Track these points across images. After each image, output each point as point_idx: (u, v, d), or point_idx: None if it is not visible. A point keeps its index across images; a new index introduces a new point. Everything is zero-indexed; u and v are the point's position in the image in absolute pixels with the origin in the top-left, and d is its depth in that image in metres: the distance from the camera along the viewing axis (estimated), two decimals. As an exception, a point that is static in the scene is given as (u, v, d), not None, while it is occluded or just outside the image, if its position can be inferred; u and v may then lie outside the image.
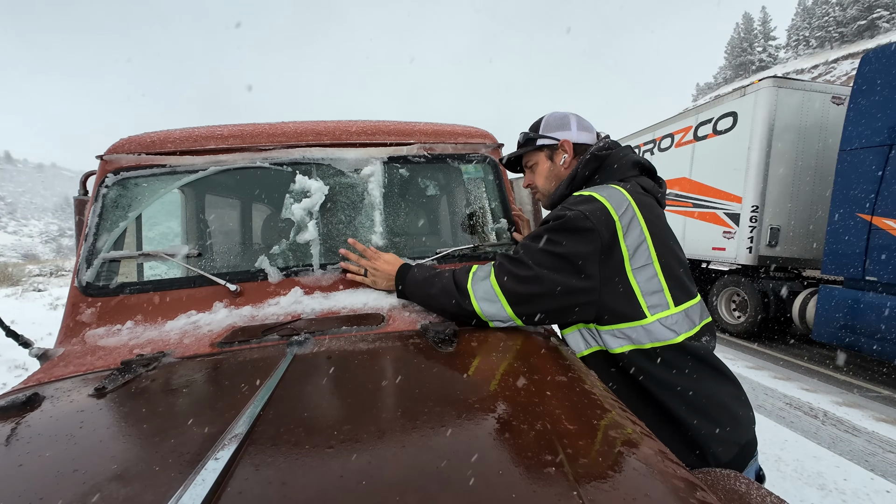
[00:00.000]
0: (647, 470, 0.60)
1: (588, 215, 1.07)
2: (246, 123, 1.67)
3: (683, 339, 1.08)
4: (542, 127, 1.41)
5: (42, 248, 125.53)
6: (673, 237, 1.22)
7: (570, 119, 1.39)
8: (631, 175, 1.26)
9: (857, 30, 32.94)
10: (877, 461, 3.32)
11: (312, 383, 0.88)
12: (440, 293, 1.20)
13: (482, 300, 1.13)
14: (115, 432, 0.74)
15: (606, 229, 1.07)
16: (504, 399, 0.79)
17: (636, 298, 1.08)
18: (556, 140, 1.37)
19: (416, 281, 1.28)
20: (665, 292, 1.10)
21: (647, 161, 1.32)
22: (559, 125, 1.39)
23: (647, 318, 1.07)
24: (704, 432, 1.05)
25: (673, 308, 1.10)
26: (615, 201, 1.11)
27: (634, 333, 1.08)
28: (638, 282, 1.08)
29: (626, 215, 1.10)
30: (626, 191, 1.15)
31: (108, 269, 1.44)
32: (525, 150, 1.44)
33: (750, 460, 1.11)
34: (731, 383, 1.14)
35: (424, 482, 0.55)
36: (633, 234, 1.09)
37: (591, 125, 1.41)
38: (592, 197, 1.13)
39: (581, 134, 1.37)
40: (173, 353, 1.10)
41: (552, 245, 1.09)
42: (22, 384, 1.05)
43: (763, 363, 5.79)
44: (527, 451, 0.61)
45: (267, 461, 0.60)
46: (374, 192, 1.60)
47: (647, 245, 1.10)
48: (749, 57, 45.67)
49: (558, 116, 1.41)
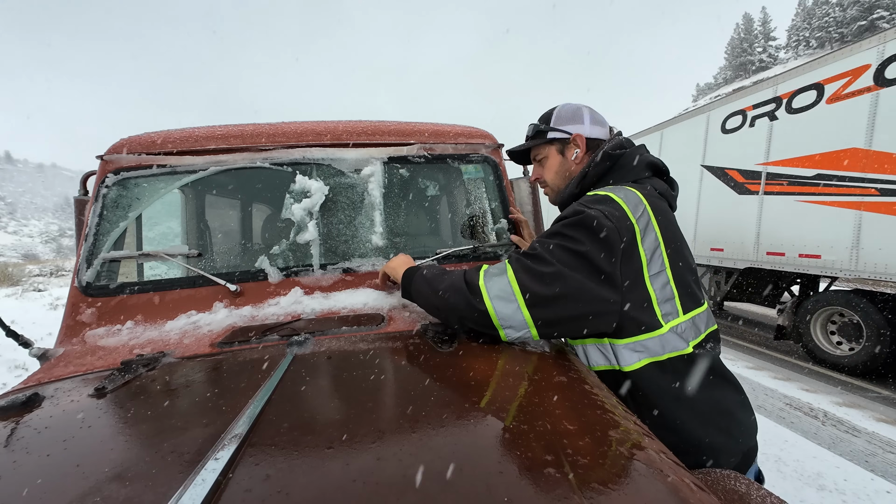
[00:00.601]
0: (647, 470, 0.60)
1: (607, 215, 1.01)
2: (246, 123, 1.67)
3: (693, 348, 1.06)
4: (554, 119, 1.33)
5: (42, 248, 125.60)
6: (684, 242, 1.17)
7: (584, 112, 1.32)
8: (644, 177, 1.21)
9: (858, 30, 32.96)
10: (877, 462, 3.32)
11: (312, 384, 0.88)
12: (448, 290, 1.10)
13: (496, 299, 1.02)
14: (115, 432, 0.74)
15: (627, 231, 1.02)
16: (504, 399, 0.79)
17: (653, 306, 1.04)
18: (569, 134, 1.30)
19: (424, 280, 1.19)
20: (676, 300, 1.06)
21: (661, 161, 1.26)
22: (571, 118, 1.32)
23: (663, 328, 1.03)
24: (712, 442, 1.03)
25: (682, 316, 1.07)
26: (632, 203, 1.06)
27: (652, 344, 1.03)
28: (654, 289, 1.04)
29: (643, 219, 1.05)
30: (641, 193, 1.10)
31: (109, 269, 1.44)
32: (535, 142, 1.37)
33: (751, 464, 1.11)
34: (736, 390, 1.12)
35: (424, 482, 0.55)
36: (649, 238, 1.05)
37: (604, 119, 1.35)
38: (609, 197, 1.07)
39: (594, 128, 1.31)
40: (173, 353, 1.10)
41: (573, 243, 1.01)
42: (22, 384, 1.05)
43: (763, 363, 5.78)
44: (527, 452, 0.61)
45: (267, 461, 0.60)
46: (374, 192, 1.60)
47: (661, 251, 1.06)
48: (749, 57, 45.69)
49: (571, 108, 1.33)
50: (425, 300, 1.19)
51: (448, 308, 1.10)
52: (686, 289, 1.09)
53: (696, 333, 1.09)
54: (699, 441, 1.03)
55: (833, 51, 5.49)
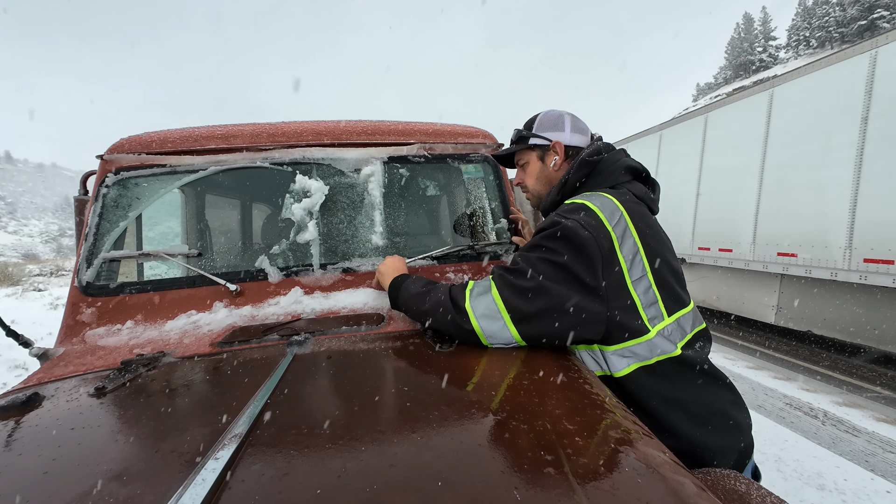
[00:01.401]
0: (647, 470, 0.60)
1: (584, 224, 1.03)
2: (246, 123, 1.67)
3: (681, 349, 1.06)
4: (536, 125, 1.36)
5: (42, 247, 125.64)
6: (667, 245, 1.18)
7: (565, 119, 1.35)
8: (623, 181, 1.22)
9: (858, 30, 32.94)
10: (877, 461, 3.32)
11: (312, 383, 0.88)
12: (434, 309, 1.10)
13: (483, 318, 1.03)
14: (115, 432, 0.74)
15: (604, 239, 1.03)
16: (504, 399, 0.79)
17: (638, 312, 1.05)
18: (549, 141, 1.33)
19: (409, 295, 1.20)
20: (659, 303, 1.07)
21: (640, 164, 1.27)
22: (553, 125, 1.34)
23: (651, 332, 1.04)
24: (707, 443, 1.04)
25: (666, 319, 1.08)
26: (607, 211, 1.07)
27: (640, 349, 1.04)
28: (638, 294, 1.05)
29: (619, 226, 1.06)
30: (617, 199, 1.11)
31: (109, 269, 1.44)
32: (516, 148, 1.41)
33: (747, 461, 1.12)
34: (727, 388, 1.13)
35: (424, 482, 0.55)
36: (628, 244, 1.06)
37: (585, 126, 1.37)
38: (584, 205, 1.09)
39: (574, 136, 1.33)
40: (173, 353, 1.10)
41: (552, 254, 1.03)
42: (22, 384, 1.05)
43: (763, 363, 5.79)
44: (527, 451, 0.61)
45: (267, 461, 0.60)
46: (374, 192, 1.60)
47: (641, 256, 1.07)
48: (749, 57, 45.68)
49: (553, 116, 1.36)
50: (413, 315, 1.21)
51: (435, 324, 1.12)
52: (669, 291, 1.10)
53: (683, 334, 1.10)
54: (693, 442, 1.04)
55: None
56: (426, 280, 1.24)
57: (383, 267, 1.37)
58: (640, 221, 1.10)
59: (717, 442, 1.05)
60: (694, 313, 1.17)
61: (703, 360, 1.10)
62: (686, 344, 1.09)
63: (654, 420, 1.04)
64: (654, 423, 1.04)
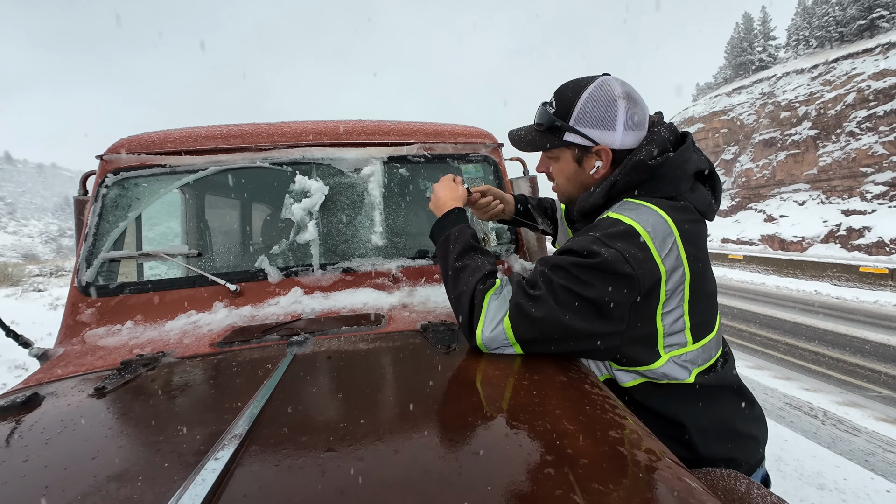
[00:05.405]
0: (647, 470, 0.60)
1: (628, 259, 0.88)
2: (246, 123, 1.67)
3: (695, 377, 1.00)
4: (577, 113, 1.04)
5: (42, 248, 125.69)
6: (709, 265, 1.06)
7: (618, 111, 1.01)
8: (685, 189, 1.03)
9: (858, 30, 32.96)
10: (877, 461, 3.32)
11: (312, 383, 0.88)
12: (454, 299, 1.06)
13: (489, 340, 0.97)
14: (115, 432, 0.74)
15: (650, 277, 0.90)
16: (504, 399, 0.79)
17: (656, 341, 0.97)
18: (593, 142, 1.04)
19: (443, 258, 1.13)
20: (686, 332, 0.98)
21: (707, 162, 1.07)
22: (600, 120, 1.02)
23: (661, 359, 0.97)
24: (715, 456, 1.01)
25: (690, 346, 0.99)
26: (658, 239, 0.92)
27: (648, 373, 0.99)
28: (664, 324, 0.96)
29: (671, 256, 0.93)
30: (673, 221, 0.95)
31: (108, 269, 1.44)
32: (545, 142, 1.11)
33: (757, 469, 1.09)
34: (747, 402, 1.08)
35: (424, 482, 0.55)
36: (675, 277, 0.94)
37: (645, 114, 1.06)
38: (633, 230, 0.92)
39: (627, 136, 1.03)
40: (173, 353, 1.10)
41: (581, 287, 0.90)
42: (22, 384, 1.05)
43: (763, 363, 5.79)
44: (527, 451, 0.61)
45: (267, 461, 0.60)
46: (374, 191, 1.60)
47: (684, 287, 0.96)
48: (749, 57, 45.70)
49: (602, 103, 1.02)
50: (442, 274, 1.16)
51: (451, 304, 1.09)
52: (700, 317, 1.00)
53: (706, 359, 1.02)
54: (701, 454, 1.00)
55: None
56: (465, 247, 1.11)
57: (440, 190, 1.26)
58: (692, 246, 0.96)
59: (728, 457, 1.01)
60: (718, 336, 1.09)
61: (720, 380, 1.04)
62: (706, 369, 1.02)
63: (661, 428, 0.98)
64: (662, 431, 0.98)
